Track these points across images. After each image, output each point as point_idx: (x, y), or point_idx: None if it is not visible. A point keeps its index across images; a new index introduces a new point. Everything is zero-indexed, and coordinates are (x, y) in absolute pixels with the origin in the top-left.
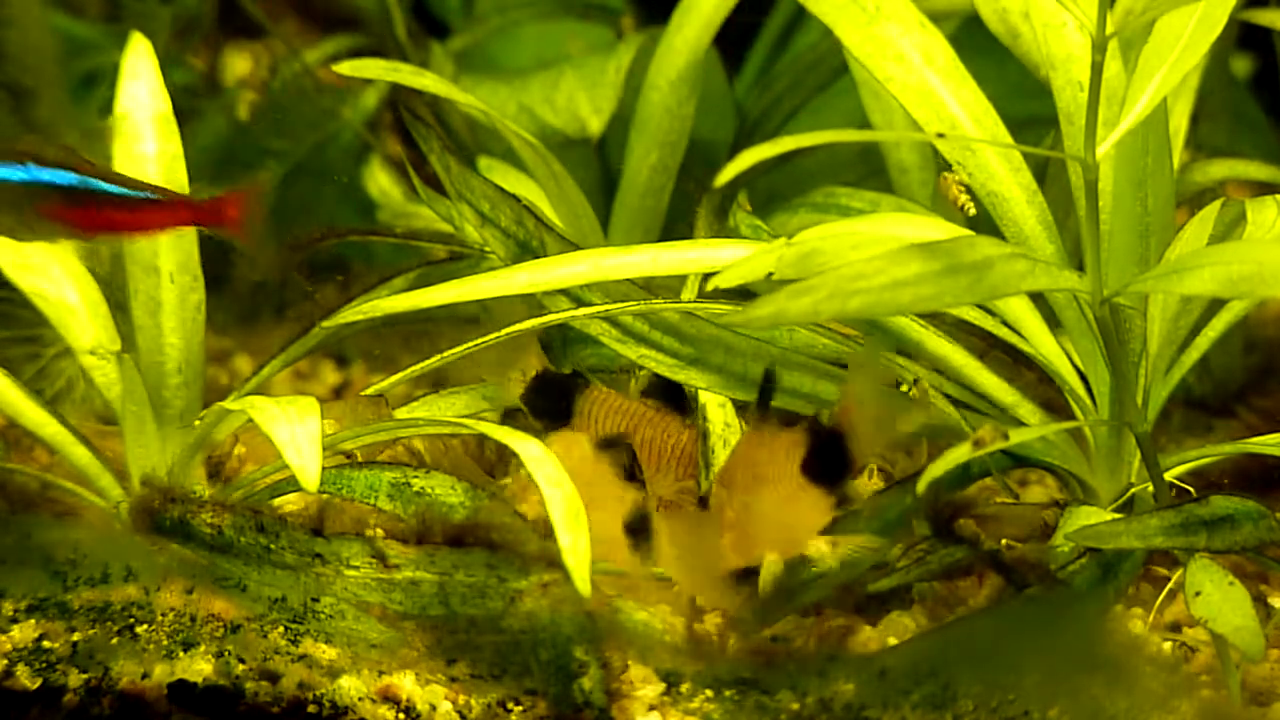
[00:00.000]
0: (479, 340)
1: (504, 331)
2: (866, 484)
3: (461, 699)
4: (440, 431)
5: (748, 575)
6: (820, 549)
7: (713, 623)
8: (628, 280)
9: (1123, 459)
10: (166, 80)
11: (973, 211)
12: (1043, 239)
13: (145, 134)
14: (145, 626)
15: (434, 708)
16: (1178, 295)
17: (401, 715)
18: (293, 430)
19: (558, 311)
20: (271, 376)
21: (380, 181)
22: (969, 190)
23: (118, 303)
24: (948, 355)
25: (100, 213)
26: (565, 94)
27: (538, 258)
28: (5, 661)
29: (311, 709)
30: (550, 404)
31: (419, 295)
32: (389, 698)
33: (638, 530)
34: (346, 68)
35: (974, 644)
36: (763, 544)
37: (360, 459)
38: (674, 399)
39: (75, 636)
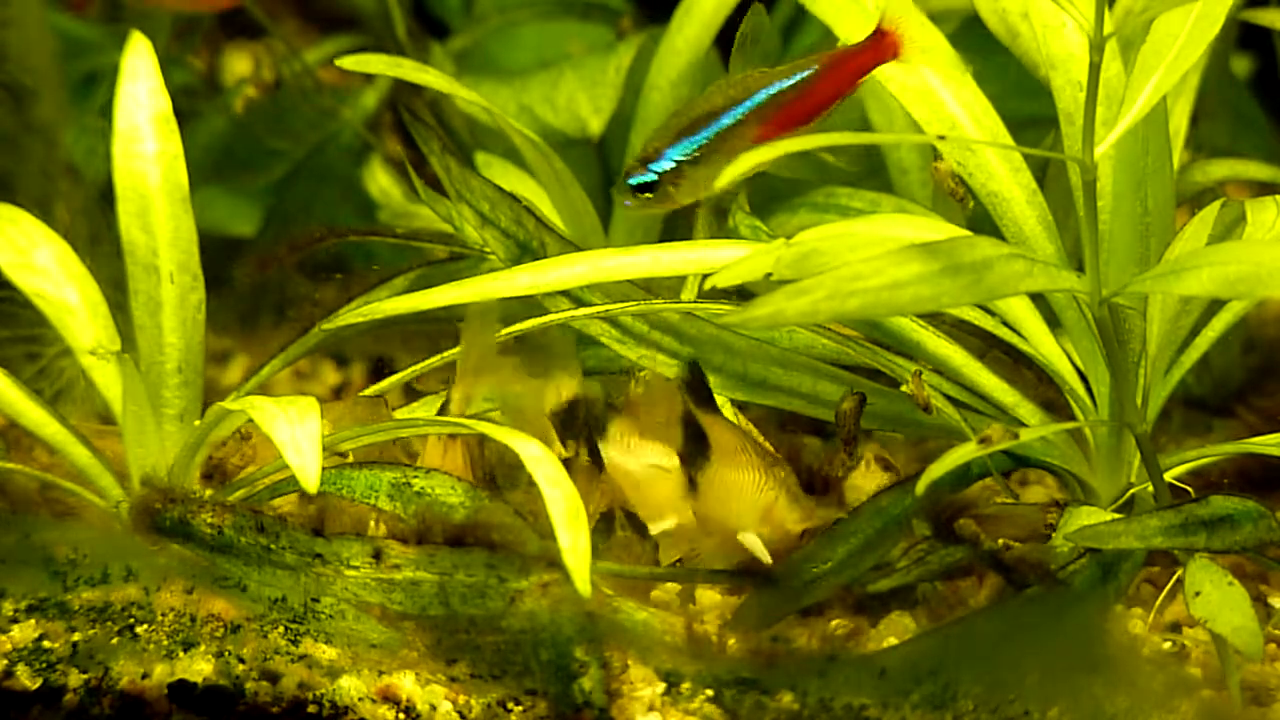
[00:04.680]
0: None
1: (504, 332)
2: (868, 481)
3: (461, 699)
4: (440, 431)
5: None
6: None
7: (713, 623)
8: (628, 281)
9: (1123, 459)
10: (166, 80)
11: (971, 205)
12: (1043, 239)
13: (145, 134)
14: (145, 626)
15: (434, 708)
16: (1176, 295)
17: (401, 715)
18: (293, 430)
19: (558, 312)
20: (271, 376)
21: (380, 181)
22: (962, 182)
23: (118, 303)
24: (948, 355)
25: None
26: (565, 94)
27: (537, 258)
28: (5, 661)
29: (311, 709)
30: (579, 429)
31: (419, 297)
32: (389, 698)
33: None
34: (349, 62)
35: (974, 644)
36: (734, 521)
37: (352, 459)
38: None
39: (75, 636)
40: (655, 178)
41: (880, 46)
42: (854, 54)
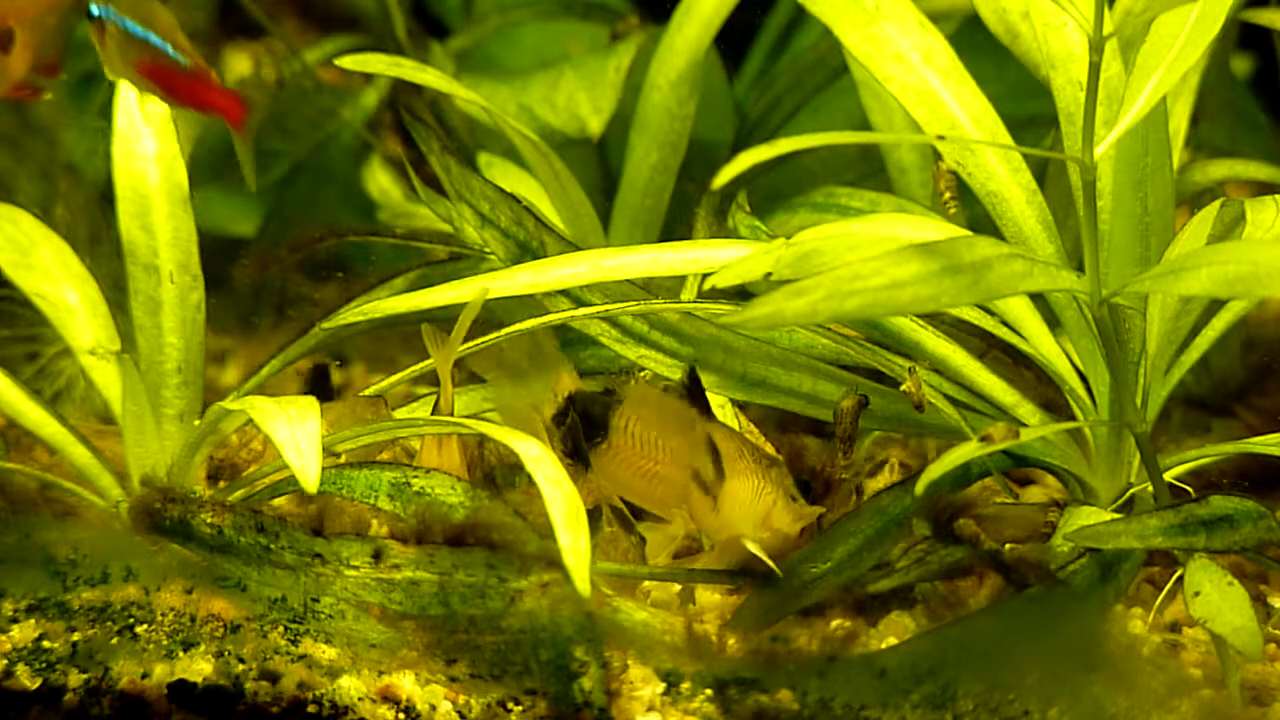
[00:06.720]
0: (479, 340)
1: (503, 332)
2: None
3: (461, 699)
4: (441, 431)
5: None
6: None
7: (713, 623)
8: (627, 281)
9: (1122, 459)
10: None
11: (953, 210)
12: (1043, 239)
13: (145, 134)
14: (145, 626)
15: (434, 708)
16: (1176, 295)
17: (401, 715)
18: (292, 430)
19: (558, 312)
20: (271, 376)
21: (380, 181)
22: (961, 183)
23: (118, 303)
24: (947, 355)
25: None
26: (565, 94)
27: (537, 258)
28: (5, 661)
29: (311, 709)
30: (586, 423)
31: (419, 296)
32: (389, 698)
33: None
34: (349, 61)
35: (974, 644)
36: (734, 529)
37: (344, 460)
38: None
39: (75, 636)
40: (96, 16)
41: (229, 104)
42: (215, 91)
